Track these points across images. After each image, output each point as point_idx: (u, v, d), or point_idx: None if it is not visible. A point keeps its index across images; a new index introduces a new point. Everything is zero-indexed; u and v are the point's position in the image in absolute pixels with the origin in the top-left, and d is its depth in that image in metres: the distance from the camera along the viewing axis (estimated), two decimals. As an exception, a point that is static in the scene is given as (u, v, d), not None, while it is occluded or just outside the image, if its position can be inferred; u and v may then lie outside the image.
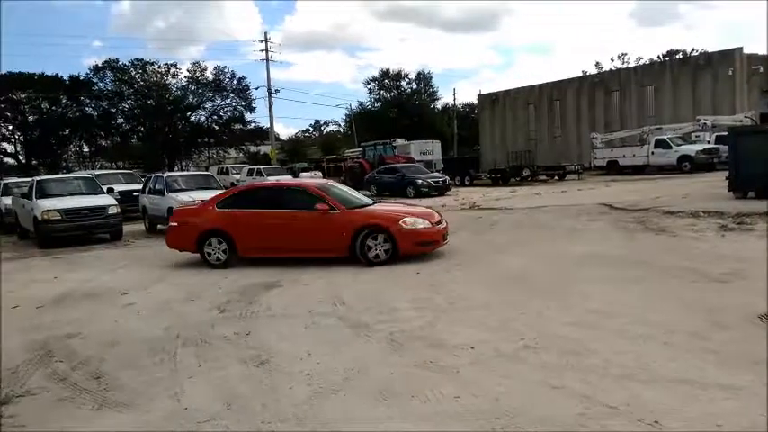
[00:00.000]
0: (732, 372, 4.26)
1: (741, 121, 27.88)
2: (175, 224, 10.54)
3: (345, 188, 11.71)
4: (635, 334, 5.21)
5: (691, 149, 30.31)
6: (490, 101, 52.23)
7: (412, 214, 9.63)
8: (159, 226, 16.21)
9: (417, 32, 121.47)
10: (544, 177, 32.98)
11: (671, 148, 30.87)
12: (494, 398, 4.03)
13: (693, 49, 55.85)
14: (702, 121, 31.38)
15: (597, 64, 61.12)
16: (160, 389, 4.59)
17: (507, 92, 51.36)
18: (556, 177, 32.83)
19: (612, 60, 61.86)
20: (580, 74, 51.30)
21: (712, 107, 35.68)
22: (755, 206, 12.92)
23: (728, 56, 36.53)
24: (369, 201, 11.02)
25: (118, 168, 47.36)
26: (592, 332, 5.34)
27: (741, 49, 36.41)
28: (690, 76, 38.47)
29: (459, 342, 5.25)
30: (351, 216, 9.43)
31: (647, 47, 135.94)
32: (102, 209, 14.51)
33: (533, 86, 49.03)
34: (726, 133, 23.08)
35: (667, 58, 53.76)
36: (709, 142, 31.21)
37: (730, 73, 35.71)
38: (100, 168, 48.88)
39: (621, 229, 11.75)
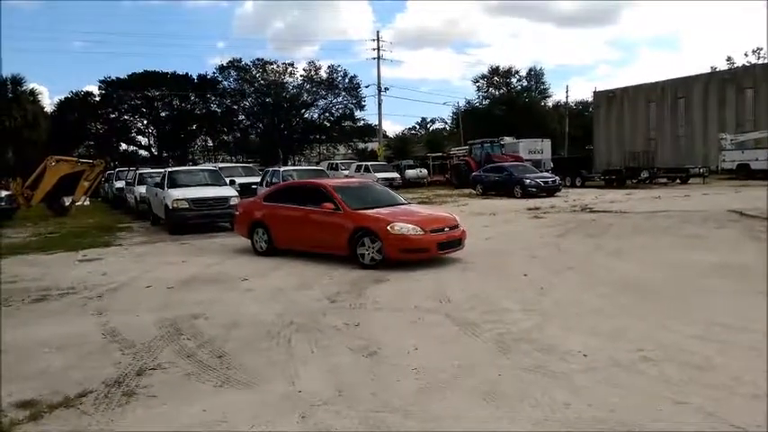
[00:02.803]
0: None
1: None
2: (237, 214, 12.05)
3: (382, 188, 11.90)
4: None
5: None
6: (607, 98, 49.81)
7: (408, 220, 9.28)
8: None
9: (530, 28, 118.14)
10: (664, 180, 30.99)
11: (814, 150, 27.86)
12: (609, 409, 3.87)
13: None
14: None
15: (729, 59, 56.06)
16: (277, 371, 4.85)
17: (626, 89, 48.73)
18: (678, 180, 30.75)
19: (746, 55, 56.33)
20: (708, 70, 47.53)
21: None
22: None
23: None
24: (401, 201, 10.90)
25: (238, 162, 50.28)
26: (719, 346, 4.97)
27: None
28: (839, 72, 34.44)
29: (571, 348, 5.09)
30: (352, 217, 9.57)
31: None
32: (225, 199, 15.45)
33: (655, 83, 46.16)
34: None
35: (813, 52, 48.41)
36: None
37: None
38: (222, 162, 52.18)
39: (753, 238, 10.80)
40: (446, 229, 9.54)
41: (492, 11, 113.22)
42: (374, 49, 47.61)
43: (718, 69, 47.85)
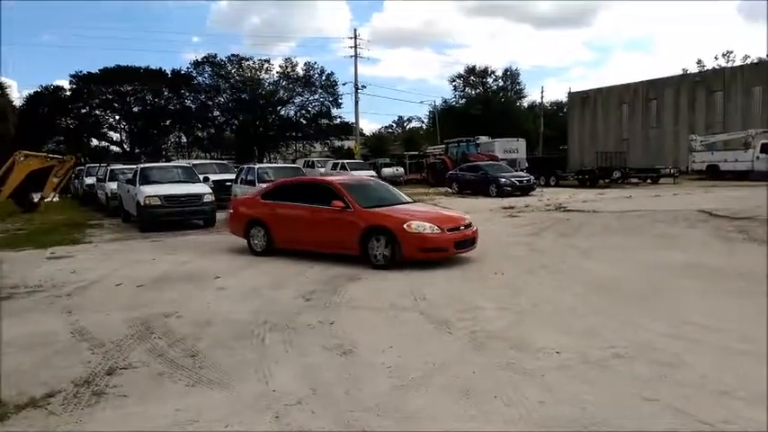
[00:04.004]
0: None
1: None
2: (232, 211, 11.55)
3: (386, 186, 11.53)
4: (736, 350, 4.90)
5: (803, 155, 28.02)
6: (581, 99, 50.51)
7: (424, 218, 9.09)
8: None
9: (507, 28, 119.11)
10: (636, 180, 31.56)
11: (780, 152, 28.64)
12: (581, 406, 3.92)
13: (809, 47, 51.16)
14: (817, 125, 28.87)
15: (699, 62, 57.24)
16: (250, 370, 4.80)
17: (599, 90, 49.51)
18: (649, 180, 31.34)
19: (716, 59, 57.67)
20: (680, 72, 48.49)
21: (831, 110, 32.73)
22: None
23: None
24: (406, 199, 10.66)
25: (212, 158, 49.73)
26: (689, 345, 5.07)
27: None
28: (804, 77, 35.46)
29: (544, 346, 5.13)
30: (363, 215, 9.25)
31: (755, 45, 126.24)
32: (199, 196, 15.29)
33: (628, 85, 46.97)
34: None
35: (779, 57, 49.69)
36: (825, 148, 28.73)
37: None
38: (196, 158, 51.55)
39: (722, 238, 11.04)
40: (461, 227, 9.33)
41: (470, 11, 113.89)
42: (351, 47, 47.50)
43: (689, 72, 48.79)
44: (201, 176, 17.63)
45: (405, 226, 8.77)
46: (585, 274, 8.24)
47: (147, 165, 18.33)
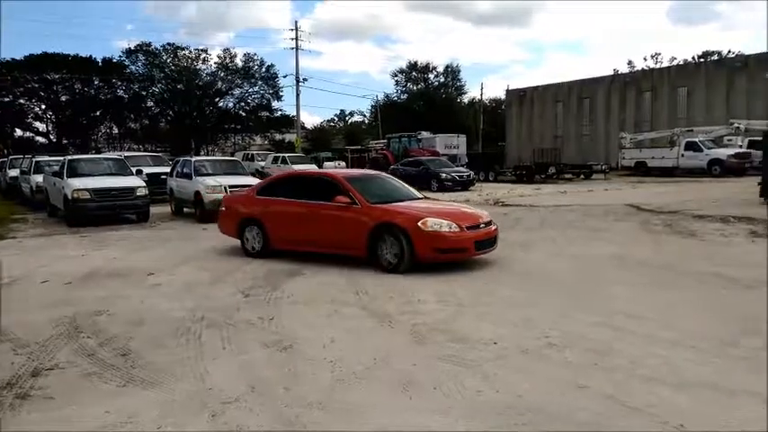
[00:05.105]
0: (761, 379, 4.17)
1: (776, 126, 27.20)
2: (223, 209, 10.47)
3: (394, 180, 10.61)
4: (662, 337, 5.14)
5: (722, 153, 29.79)
6: (518, 96, 51.78)
7: (441, 215, 8.30)
8: (185, 209, 16.44)
9: (449, 25, 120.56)
10: (570, 176, 32.64)
11: (702, 150, 30.38)
12: (517, 394, 4.01)
13: (729, 51, 54.55)
14: (735, 125, 30.74)
15: (630, 63, 60.19)
16: (186, 369, 4.66)
17: (536, 88, 50.87)
18: (582, 176, 32.48)
19: (645, 60, 60.84)
20: (611, 72, 50.50)
21: (746, 111, 34.87)
22: (789, 213, 12.62)
23: (765, 59, 35.64)
24: (417, 194, 9.78)
25: (146, 151, 48.05)
26: (618, 334, 5.28)
27: (779, 52, 35.50)
28: (724, 79, 37.72)
29: (483, 337, 5.23)
30: (371, 211, 8.36)
31: (682, 47, 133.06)
32: (131, 190, 14.73)
33: (562, 83, 48.50)
34: (759, 138, 22.56)
35: (702, 60, 52.64)
36: (741, 146, 30.62)
37: (767, 76, 34.83)
38: (128, 150, 49.62)
39: (649, 231, 11.58)
40: (481, 225, 8.49)
41: (413, 7, 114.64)
42: (292, 39, 46.85)
43: (619, 72, 50.87)
44: (134, 169, 16.97)
45: (419, 224, 7.91)
46: (522, 267, 8.45)
47: (75, 157, 17.57)
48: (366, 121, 74.60)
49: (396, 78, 67.74)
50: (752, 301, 6.29)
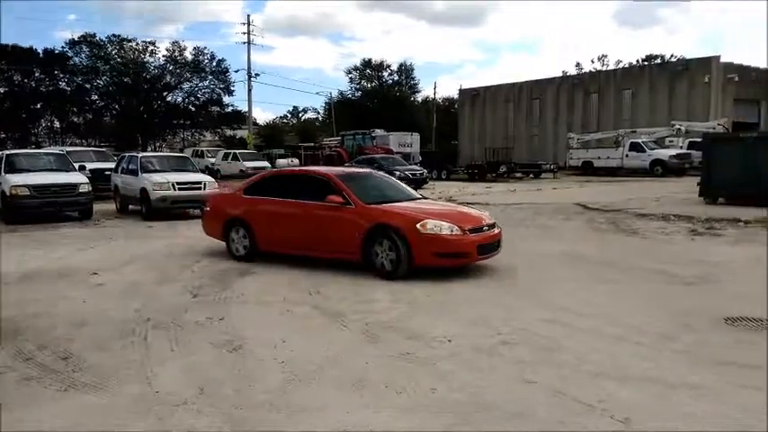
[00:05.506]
0: (700, 372, 4.35)
1: (714, 128, 28.56)
2: (208, 209, 9.81)
3: (391, 179, 10.11)
4: (607, 333, 5.29)
5: (664, 154, 31.01)
6: (471, 96, 52.50)
7: (441, 216, 7.76)
8: (131, 206, 15.96)
9: (403, 24, 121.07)
10: (520, 175, 33.35)
11: (645, 151, 31.52)
12: (470, 392, 4.05)
13: (672, 55, 56.77)
14: (677, 127, 32.06)
15: (578, 65, 61.94)
16: (131, 372, 4.50)
17: (488, 88, 51.72)
18: (531, 175, 33.23)
19: (593, 62, 62.74)
20: (560, 74, 51.79)
21: (687, 113, 36.42)
22: (725, 212, 13.25)
23: (706, 63, 37.32)
24: (415, 195, 9.22)
25: (90, 146, 46.38)
26: (566, 330, 5.40)
27: (718, 57, 37.25)
28: (667, 82, 39.23)
29: (436, 335, 5.26)
30: (367, 212, 7.80)
31: (628, 50, 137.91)
32: (73, 186, 14.17)
33: (514, 84, 49.45)
34: (699, 139, 23.62)
35: (646, 63, 54.60)
36: (681, 147, 31.97)
37: (706, 80, 36.51)
38: (71, 145, 47.74)
39: (595, 229, 11.93)
40: (484, 227, 7.91)
41: (366, 5, 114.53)
42: (244, 33, 46.08)
43: (568, 74, 52.22)
44: (77, 165, 16.34)
45: (418, 226, 7.36)
46: (475, 264, 8.53)
47: (13, 151, 16.81)
48: (320, 119, 74.10)
49: (350, 75, 67.69)
50: (691, 297, 6.56)
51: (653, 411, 3.73)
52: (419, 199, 9.02)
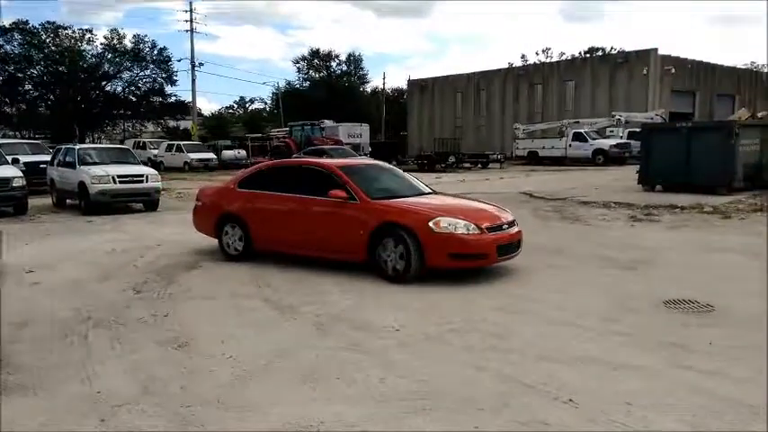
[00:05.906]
0: (640, 353, 4.52)
1: (652, 119, 29.65)
2: (199, 203, 9.13)
3: (399, 172, 9.32)
4: (553, 318, 5.43)
5: (605, 143, 32.04)
6: (419, 87, 52.75)
7: (456, 213, 7.05)
8: (68, 201, 15.32)
9: (351, 14, 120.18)
10: (468, 165, 33.80)
11: (587, 141, 32.48)
12: (420, 379, 4.07)
13: (612, 48, 58.52)
14: (617, 117, 33.14)
15: (523, 57, 63.17)
16: (70, 372, 4.32)
17: (436, 79, 52.03)
18: (479, 165, 33.72)
19: (537, 54, 64.14)
20: (506, 66, 52.63)
21: (627, 104, 37.71)
22: (662, 198, 13.80)
23: (644, 56, 38.65)
24: (426, 189, 8.48)
25: (23, 138, 44.25)
26: (514, 316, 5.51)
27: (656, 50, 38.62)
28: (608, 74, 40.46)
29: (386, 325, 5.27)
30: (373, 209, 7.15)
31: (573, 43, 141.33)
32: (6, 181, 13.46)
33: (461, 75, 49.92)
34: (638, 129, 24.51)
35: (588, 55, 56.14)
36: (621, 137, 33.10)
37: (645, 72, 37.84)
38: (3, 137, 45.39)
39: (541, 217, 12.22)
40: (504, 226, 7.20)
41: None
42: (187, 21, 44.83)
43: (513, 66, 53.12)
44: (10, 158, 15.52)
45: (431, 224, 6.72)
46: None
47: (-62, 144, 15.78)
48: (267, 109, 72.89)
49: (297, 66, 66.75)
50: (632, 282, 6.81)
51: (596, 391, 3.84)
52: (430, 193, 8.35)
